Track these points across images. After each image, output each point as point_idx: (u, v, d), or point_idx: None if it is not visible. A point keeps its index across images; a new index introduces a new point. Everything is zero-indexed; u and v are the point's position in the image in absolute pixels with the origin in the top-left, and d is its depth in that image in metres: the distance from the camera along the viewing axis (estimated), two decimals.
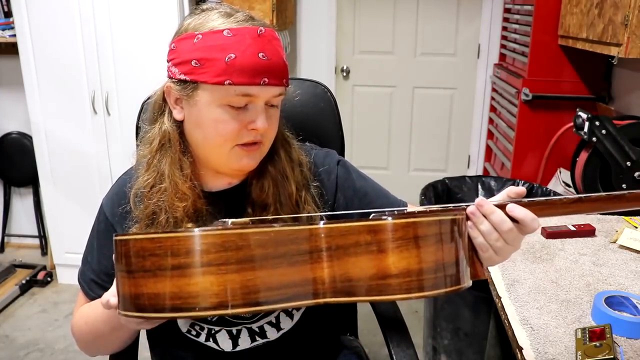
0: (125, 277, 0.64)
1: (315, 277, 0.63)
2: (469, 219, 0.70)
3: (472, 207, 0.70)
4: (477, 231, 0.70)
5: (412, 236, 0.62)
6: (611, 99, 2.35)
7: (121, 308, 0.65)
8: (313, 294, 0.63)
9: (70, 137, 2.45)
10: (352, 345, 1.21)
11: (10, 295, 2.56)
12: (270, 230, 0.63)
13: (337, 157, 1.03)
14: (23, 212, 3.07)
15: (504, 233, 0.69)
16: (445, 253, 0.64)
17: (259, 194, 0.91)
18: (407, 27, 3.27)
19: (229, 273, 0.60)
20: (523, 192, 0.71)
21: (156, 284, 0.61)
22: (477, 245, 0.71)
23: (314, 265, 0.63)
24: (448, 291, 0.64)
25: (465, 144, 3.42)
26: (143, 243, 0.62)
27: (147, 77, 2.25)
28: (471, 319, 1.78)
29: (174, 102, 0.87)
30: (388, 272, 0.61)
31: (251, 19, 0.84)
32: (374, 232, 0.62)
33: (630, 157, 1.67)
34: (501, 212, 0.69)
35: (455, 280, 0.65)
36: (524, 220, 0.69)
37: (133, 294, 0.63)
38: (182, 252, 0.60)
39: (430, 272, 0.62)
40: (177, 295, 0.60)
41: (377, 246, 0.62)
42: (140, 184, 0.90)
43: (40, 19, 2.30)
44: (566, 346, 0.91)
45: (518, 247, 0.73)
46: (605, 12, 1.77)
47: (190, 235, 0.61)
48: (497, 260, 0.72)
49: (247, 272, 0.61)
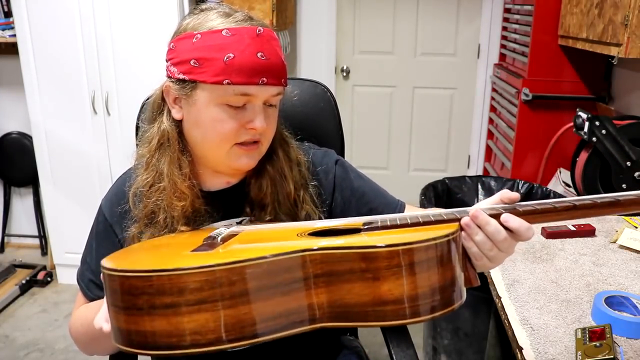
0: (117, 312, 0.62)
1: (310, 303, 0.62)
2: (464, 230, 0.69)
3: (466, 219, 0.69)
4: (471, 242, 0.69)
5: (408, 263, 0.60)
6: (611, 99, 2.35)
7: (114, 340, 0.64)
8: (310, 320, 0.62)
9: (70, 137, 2.45)
10: (352, 345, 1.21)
11: (10, 295, 2.56)
12: (262, 262, 0.61)
13: (336, 157, 1.03)
14: (23, 212, 3.07)
15: (498, 243, 0.68)
16: (441, 276, 0.63)
17: (257, 193, 0.91)
18: (407, 27, 3.27)
19: (224, 309, 0.59)
20: (517, 198, 0.70)
21: (151, 322, 0.60)
22: (471, 255, 0.70)
23: (309, 292, 0.62)
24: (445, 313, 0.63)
25: (465, 144, 3.42)
26: (132, 281, 0.60)
27: (147, 77, 2.25)
28: (471, 319, 1.78)
29: (173, 102, 0.87)
30: (384, 299, 0.60)
31: (250, 19, 0.84)
32: (369, 260, 0.60)
33: (630, 157, 1.67)
34: (496, 223, 0.68)
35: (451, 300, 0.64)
36: (519, 230, 0.68)
37: (126, 329, 0.62)
38: (174, 291, 0.59)
39: (427, 297, 0.61)
40: (172, 333, 0.59)
41: (372, 274, 0.60)
42: (139, 183, 0.90)
43: (40, 19, 2.30)
44: (566, 346, 0.91)
45: (512, 253, 0.73)
46: (605, 12, 1.77)
47: (180, 273, 0.59)
48: (490, 266, 0.72)
49: (242, 306, 0.59)
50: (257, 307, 0.60)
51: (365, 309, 0.61)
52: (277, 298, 0.61)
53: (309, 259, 0.62)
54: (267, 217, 0.91)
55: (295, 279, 0.62)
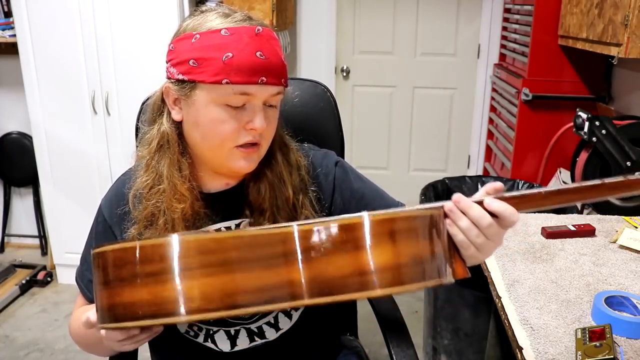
0: (103, 289, 0.64)
1: (291, 279, 0.62)
2: (448, 217, 0.69)
3: (449, 204, 0.69)
4: (456, 228, 0.69)
5: (388, 232, 0.61)
6: (611, 99, 2.35)
7: (100, 321, 0.65)
8: (291, 296, 0.62)
9: (70, 137, 2.45)
10: (352, 345, 1.21)
11: (10, 295, 2.56)
12: (244, 234, 0.63)
13: (336, 158, 1.02)
14: (23, 212, 3.07)
15: (484, 228, 0.68)
16: (422, 247, 0.63)
17: (256, 197, 0.91)
18: (407, 27, 3.27)
19: (204, 277, 0.60)
20: (501, 188, 0.70)
21: (132, 292, 0.61)
22: (458, 243, 0.69)
23: (289, 267, 0.62)
24: (428, 284, 0.63)
25: (465, 144, 3.42)
26: (118, 253, 0.62)
27: (147, 78, 2.25)
28: (471, 319, 1.78)
29: (173, 103, 0.87)
30: (365, 269, 0.60)
31: (249, 18, 0.84)
32: (349, 230, 0.61)
33: (630, 157, 1.67)
34: (479, 207, 0.68)
35: (434, 274, 0.64)
36: (503, 213, 0.68)
37: (110, 304, 0.63)
38: (156, 259, 0.60)
39: (408, 267, 0.62)
40: (152, 301, 0.60)
41: (352, 244, 0.61)
42: (139, 185, 0.90)
43: (40, 19, 2.30)
44: (566, 346, 0.91)
45: (500, 243, 0.73)
46: (605, 12, 1.77)
47: (164, 241, 0.61)
48: (480, 257, 0.71)
49: (222, 275, 0.60)
50: (237, 277, 0.61)
51: (348, 280, 0.61)
52: (257, 272, 0.61)
53: (290, 234, 0.63)
54: (265, 222, 0.90)
55: (275, 253, 0.62)
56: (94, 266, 0.66)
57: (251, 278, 0.61)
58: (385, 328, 1.11)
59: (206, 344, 0.96)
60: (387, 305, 1.17)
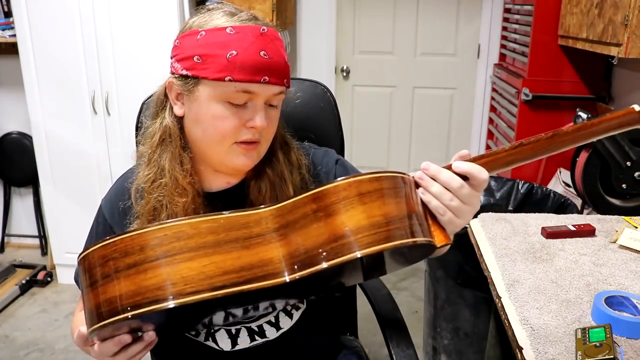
0: (89, 292, 0.64)
1: (271, 257, 0.64)
2: (419, 184, 0.70)
3: (418, 172, 0.71)
4: (429, 195, 0.69)
5: (356, 194, 0.62)
6: (611, 99, 2.35)
7: (88, 326, 0.65)
8: (272, 274, 0.63)
9: (70, 137, 2.45)
10: (352, 345, 1.21)
11: (10, 295, 2.56)
12: (220, 217, 0.64)
13: (336, 157, 1.03)
14: (23, 212, 3.07)
15: (455, 191, 0.69)
16: (395, 206, 0.64)
17: (256, 196, 0.91)
18: (407, 27, 3.27)
19: (184, 261, 0.61)
20: (467, 154, 0.73)
21: (115, 286, 0.61)
22: (433, 210, 0.70)
23: (267, 246, 0.64)
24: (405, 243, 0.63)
25: (465, 144, 3.42)
26: (100, 251, 0.63)
27: (147, 78, 2.25)
28: (471, 319, 1.78)
29: (175, 98, 0.88)
30: (340, 233, 0.61)
31: (255, 18, 0.85)
32: (319, 199, 0.63)
33: (630, 157, 1.67)
34: (448, 171, 0.70)
35: (411, 233, 0.64)
36: (472, 173, 0.69)
37: (96, 304, 0.63)
38: (135, 250, 0.61)
39: (381, 226, 0.62)
40: (136, 292, 0.60)
41: (324, 212, 0.62)
42: (141, 179, 0.90)
43: (40, 19, 2.30)
44: (566, 346, 0.91)
45: (477, 207, 0.73)
46: (605, 12, 1.77)
47: (141, 231, 0.62)
48: (458, 223, 0.71)
49: (201, 258, 0.61)
50: (216, 259, 0.62)
51: (325, 247, 0.62)
52: (236, 252, 0.63)
53: (265, 215, 0.65)
54: None
55: (252, 234, 0.64)
56: (80, 272, 0.66)
57: (231, 259, 0.62)
58: (385, 328, 1.11)
59: (207, 343, 0.96)
60: (387, 305, 1.17)
